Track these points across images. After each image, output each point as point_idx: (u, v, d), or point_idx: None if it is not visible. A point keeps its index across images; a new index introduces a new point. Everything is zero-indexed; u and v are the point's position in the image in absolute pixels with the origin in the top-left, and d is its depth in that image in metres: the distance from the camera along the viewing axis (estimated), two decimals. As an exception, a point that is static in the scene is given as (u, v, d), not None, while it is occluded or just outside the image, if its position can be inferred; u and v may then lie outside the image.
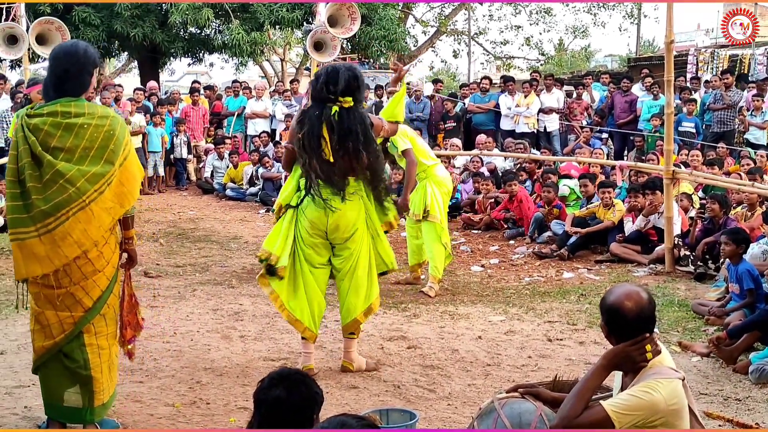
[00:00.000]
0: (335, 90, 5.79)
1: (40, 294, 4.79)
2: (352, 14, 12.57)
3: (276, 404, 3.23)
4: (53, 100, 4.72)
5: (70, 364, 4.83)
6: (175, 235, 12.22)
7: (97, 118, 4.75)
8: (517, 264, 10.43)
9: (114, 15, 21.94)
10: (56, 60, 4.75)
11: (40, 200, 4.62)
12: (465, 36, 35.80)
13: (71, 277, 4.76)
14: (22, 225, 4.67)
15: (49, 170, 4.62)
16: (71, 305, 4.79)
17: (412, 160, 8.31)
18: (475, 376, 6.14)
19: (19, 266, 4.73)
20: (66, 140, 4.66)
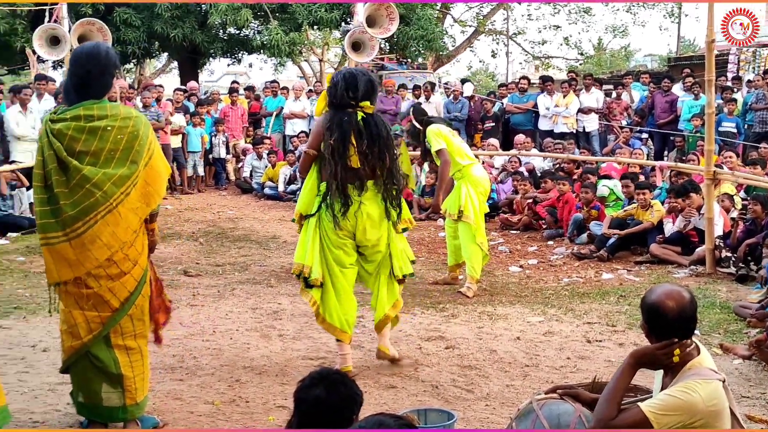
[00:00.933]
0: (355, 96, 5.90)
1: (69, 294, 4.84)
2: (390, 14, 12.57)
3: (316, 404, 3.24)
4: (76, 104, 4.73)
5: (99, 364, 4.87)
6: (215, 235, 12.30)
7: (120, 119, 4.76)
8: (556, 265, 10.38)
9: (154, 16, 22.16)
10: (78, 63, 4.76)
11: (67, 205, 4.64)
12: (503, 36, 35.72)
13: (98, 279, 4.79)
14: (51, 230, 4.71)
15: (75, 175, 4.65)
16: (98, 306, 4.82)
17: (446, 160, 8.43)
18: (514, 377, 6.13)
19: (51, 270, 4.77)
20: (91, 144, 4.67)
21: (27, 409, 5.39)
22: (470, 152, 9.06)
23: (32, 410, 5.38)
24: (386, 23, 12.64)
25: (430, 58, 29.41)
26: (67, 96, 4.83)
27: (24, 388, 5.79)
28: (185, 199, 15.95)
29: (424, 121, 8.82)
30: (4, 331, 7.15)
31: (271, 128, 18.65)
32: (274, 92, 19.34)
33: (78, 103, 4.73)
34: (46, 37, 13.40)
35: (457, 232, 8.95)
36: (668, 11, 33.71)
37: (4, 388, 4.69)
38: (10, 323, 7.47)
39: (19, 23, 21.07)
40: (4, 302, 8.19)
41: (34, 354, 6.60)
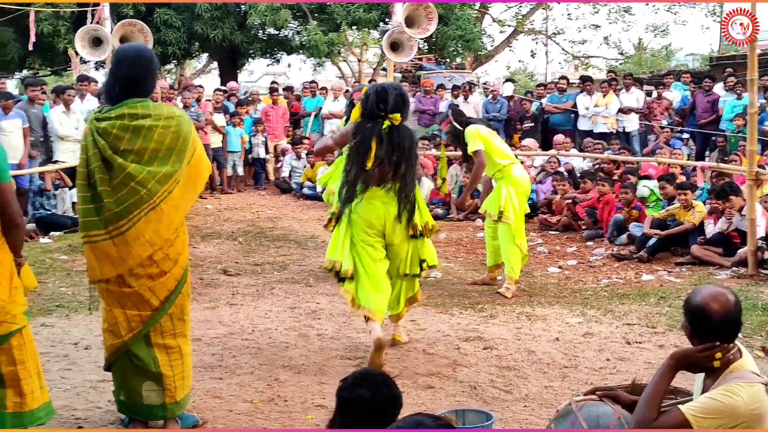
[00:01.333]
0: (385, 108, 6.28)
1: (110, 293, 4.89)
2: (428, 14, 12.54)
3: (359, 404, 3.24)
4: (120, 103, 4.78)
5: (138, 363, 4.92)
6: (254, 234, 12.37)
7: (164, 119, 4.80)
8: (595, 265, 10.32)
9: (194, 17, 22.34)
10: (124, 63, 4.80)
11: (111, 203, 4.69)
12: (542, 35, 35.54)
13: (138, 278, 4.84)
14: (94, 228, 4.75)
15: (120, 173, 4.69)
16: (139, 305, 4.86)
17: (480, 161, 8.51)
18: (552, 378, 6.10)
19: (93, 268, 4.81)
20: (135, 143, 4.71)
21: (69, 405, 5.46)
22: (510, 152, 9.05)
23: (75, 407, 5.45)
24: (425, 23, 12.61)
25: (468, 58, 29.33)
26: (109, 95, 4.87)
27: (66, 385, 5.87)
28: (225, 199, 16.06)
29: (463, 122, 8.82)
30: (47, 329, 7.25)
31: (309, 128, 18.71)
32: (312, 92, 19.39)
33: (121, 103, 4.78)
34: (89, 38, 13.52)
35: (496, 232, 8.92)
36: (710, 10, 33.35)
37: (48, 385, 4.76)
38: (53, 321, 7.57)
39: (62, 25, 21.33)
40: (47, 300, 8.30)
41: (76, 351, 6.68)
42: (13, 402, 4.37)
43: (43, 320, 7.50)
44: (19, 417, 4.40)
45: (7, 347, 4.35)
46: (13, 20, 20.82)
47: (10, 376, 4.36)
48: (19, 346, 4.40)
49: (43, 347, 6.37)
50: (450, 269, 9.99)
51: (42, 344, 6.45)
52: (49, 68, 25.79)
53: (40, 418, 4.51)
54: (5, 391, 4.35)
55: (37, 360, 4.56)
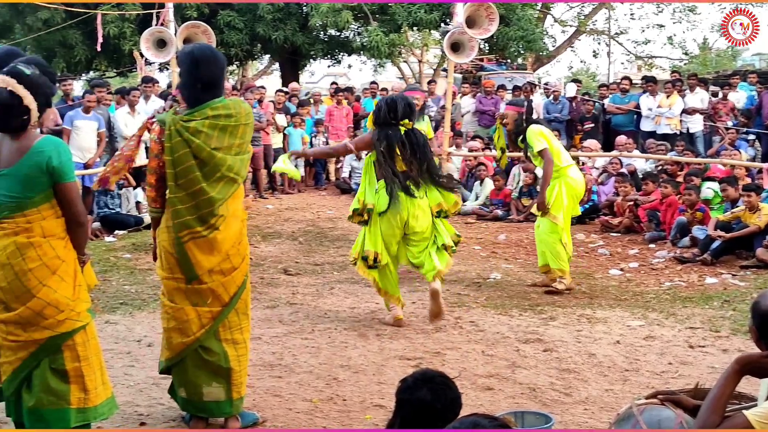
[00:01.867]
0: (395, 116, 7.32)
1: (181, 291, 4.97)
2: (489, 15, 12.50)
3: (420, 406, 3.24)
4: (202, 104, 4.87)
5: (209, 358, 4.99)
6: (314, 234, 12.43)
7: (244, 115, 4.97)
8: (658, 268, 10.19)
9: (257, 18, 22.55)
10: (200, 66, 4.86)
11: (212, 197, 4.84)
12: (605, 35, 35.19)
13: (212, 274, 4.94)
14: (194, 225, 4.86)
15: (221, 167, 4.85)
16: (210, 301, 4.96)
17: (549, 159, 8.55)
18: (613, 381, 6.05)
19: (199, 261, 4.89)
20: (223, 140, 4.86)
21: (132, 402, 5.55)
22: (567, 155, 9.02)
23: (137, 403, 5.54)
24: (486, 24, 12.57)
25: (529, 58, 29.16)
26: (189, 97, 4.93)
27: (130, 381, 5.97)
28: (285, 199, 16.17)
29: (529, 120, 8.81)
30: (111, 326, 7.37)
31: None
32: (373, 93, 19.43)
33: (203, 104, 4.87)
34: (153, 40, 13.71)
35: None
36: (777, 9, 32.73)
37: (111, 381, 4.84)
38: (117, 318, 7.70)
39: (128, 27, 21.68)
40: (111, 298, 8.44)
41: (139, 348, 6.79)
42: (77, 398, 4.45)
43: (108, 317, 7.63)
44: (83, 412, 4.49)
45: (72, 344, 4.45)
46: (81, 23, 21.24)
47: (75, 372, 4.45)
48: (83, 343, 4.49)
49: (107, 344, 6.48)
50: (510, 270, 9.95)
51: (106, 341, 6.56)
52: (115, 70, 26.24)
53: (103, 413, 4.60)
54: (69, 386, 4.44)
55: (100, 356, 4.64)
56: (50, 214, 4.38)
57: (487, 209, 14.18)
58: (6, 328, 4.38)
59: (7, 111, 4.24)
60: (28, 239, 4.32)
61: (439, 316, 7.35)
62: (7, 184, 4.30)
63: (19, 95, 4.24)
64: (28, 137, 4.33)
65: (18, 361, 4.41)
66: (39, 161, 4.27)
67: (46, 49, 23.26)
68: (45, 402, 4.40)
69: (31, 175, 4.27)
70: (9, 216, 4.33)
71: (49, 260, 4.37)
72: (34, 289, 4.33)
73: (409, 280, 9.32)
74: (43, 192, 4.32)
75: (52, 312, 4.37)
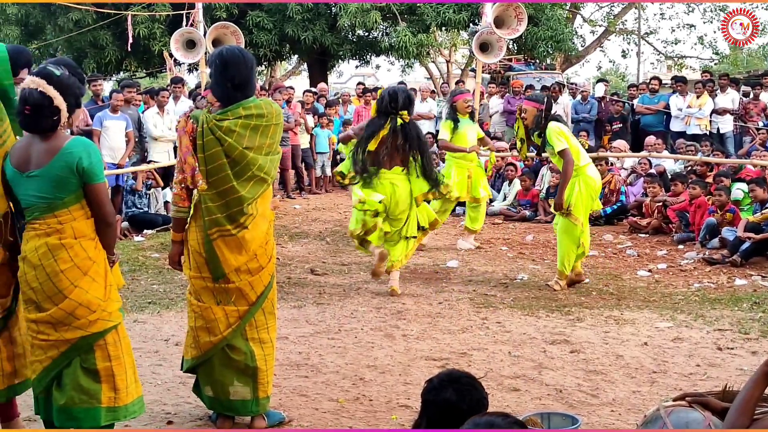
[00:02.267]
0: (396, 106, 8.18)
1: (208, 290, 4.99)
2: (518, 15, 12.46)
3: (446, 407, 3.23)
4: (234, 104, 4.89)
5: (236, 357, 5.01)
6: (341, 234, 12.44)
7: (275, 116, 5.00)
8: (686, 269, 10.11)
9: (286, 19, 22.63)
10: (229, 67, 4.88)
11: (242, 196, 4.86)
12: (635, 35, 34.98)
13: (239, 273, 4.96)
14: (224, 223, 4.89)
15: (252, 166, 4.87)
16: (237, 300, 4.99)
17: (569, 159, 8.58)
18: (641, 383, 6.01)
19: (227, 259, 4.92)
20: (254, 140, 4.87)
21: (160, 400, 5.59)
22: (585, 153, 8.97)
23: (165, 402, 5.57)
24: (514, 24, 12.53)
25: (558, 58, 29.05)
26: (222, 97, 4.95)
27: (157, 380, 6.01)
28: (313, 199, 16.21)
29: (549, 117, 8.74)
30: (140, 325, 7.42)
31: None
32: (400, 93, 19.40)
33: (236, 104, 4.90)
34: (183, 41, 13.81)
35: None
36: (810, 8, 32.39)
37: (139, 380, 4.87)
38: (145, 317, 7.75)
39: (158, 27, 21.83)
40: (140, 297, 8.49)
41: (167, 348, 6.83)
42: (108, 397, 4.47)
43: (136, 316, 7.68)
44: (114, 411, 4.51)
45: (103, 344, 4.47)
46: (111, 23, 21.44)
47: (106, 372, 4.47)
48: (114, 343, 4.52)
49: (135, 343, 6.50)
50: (537, 271, 9.92)
51: (134, 340, 6.58)
52: (145, 70, 26.43)
53: (133, 412, 4.62)
54: (101, 386, 4.46)
55: (131, 355, 4.67)
56: (80, 215, 4.41)
57: (515, 210, 14.14)
58: (37, 327, 4.41)
59: (38, 111, 4.26)
60: (60, 240, 4.35)
61: (376, 275, 8.70)
62: (38, 185, 4.32)
63: (50, 96, 4.27)
64: (58, 138, 4.36)
65: (48, 359, 4.43)
66: (69, 162, 4.29)
67: (77, 50, 23.49)
68: (76, 401, 4.42)
69: (61, 176, 4.30)
70: (40, 217, 4.36)
71: (80, 261, 4.39)
72: (65, 290, 4.35)
73: (435, 281, 9.33)
74: (74, 193, 4.35)
75: (84, 312, 4.39)
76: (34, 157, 4.34)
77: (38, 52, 24.69)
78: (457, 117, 10.97)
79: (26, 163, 4.36)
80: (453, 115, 11.02)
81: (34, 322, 4.42)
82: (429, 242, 11.55)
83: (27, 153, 4.37)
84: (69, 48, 23.54)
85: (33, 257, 4.36)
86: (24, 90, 4.31)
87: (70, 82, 4.43)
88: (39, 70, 4.42)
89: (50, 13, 23.07)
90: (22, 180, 4.36)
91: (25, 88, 4.31)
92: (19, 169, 4.37)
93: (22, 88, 4.33)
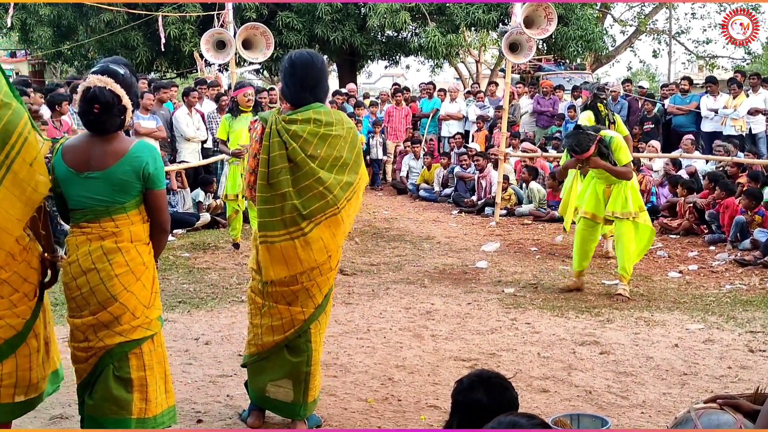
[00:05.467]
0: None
1: (276, 290, 4.92)
2: (548, 15, 12.43)
3: (476, 407, 3.22)
4: (304, 107, 4.83)
5: (293, 359, 4.97)
6: (370, 234, 12.46)
7: (346, 129, 4.87)
8: (718, 271, 10.04)
9: (315, 19, 22.68)
10: (299, 69, 4.85)
11: (296, 205, 4.73)
12: (665, 35, 34.75)
13: (310, 274, 4.90)
14: (273, 228, 4.79)
15: (310, 176, 4.74)
16: (304, 301, 4.93)
17: (630, 172, 8.50)
18: (671, 385, 5.97)
19: (267, 268, 4.83)
20: (320, 149, 4.76)
21: (190, 399, 5.62)
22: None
23: (195, 401, 5.60)
24: (544, 24, 12.50)
25: (588, 58, 28.93)
26: (294, 100, 4.89)
27: (187, 379, 6.04)
28: (342, 199, 16.21)
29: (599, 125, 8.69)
30: (170, 324, 7.45)
31: (427, 130, 18.76)
32: (429, 94, 19.44)
33: (306, 106, 4.84)
34: (213, 41, 13.88)
35: (593, 235, 8.85)
36: None
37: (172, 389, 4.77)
38: (176, 316, 7.80)
39: (188, 28, 21.96)
40: (170, 296, 8.54)
41: (197, 347, 6.86)
42: (139, 408, 4.37)
43: (166, 316, 7.71)
44: (143, 422, 4.40)
45: (139, 352, 4.37)
46: (142, 24, 21.61)
47: (139, 382, 4.36)
48: (150, 352, 4.42)
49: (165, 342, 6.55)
50: (566, 272, 9.87)
51: (164, 339, 6.63)
52: (175, 71, 26.59)
53: (162, 423, 4.51)
54: (132, 395, 4.35)
55: (164, 364, 4.55)
56: (138, 220, 4.33)
57: (544, 211, 14.09)
58: (81, 333, 4.31)
59: (107, 111, 4.16)
60: (116, 244, 4.25)
61: None
62: (97, 187, 4.21)
63: (118, 95, 4.19)
64: (121, 140, 4.27)
65: (90, 366, 4.34)
66: (136, 167, 4.21)
67: (108, 50, 23.68)
68: (106, 411, 4.33)
69: (126, 180, 4.21)
70: (94, 219, 4.25)
71: (135, 266, 4.31)
72: (118, 295, 4.25)
73: (464, 281, 9.32)
74: (135, 198, 4.27)
75: (128, 318, 4.30)
76: (94, 158, 4.22)
77: (70, 53, 24.98)
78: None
79: (84, 164, 4.22)
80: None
81: (78, 328, 4.32)
82: (458, 243, 11.55)
83: (86, 153, 4.24)
84: (100, 48, 23.74)
85: (85, 261, 4.24)
86: (91, 88, 4.17)
87: (131, 82, 4.34)
88: (102, 68, 4.28)
89: (82, 14, 23.29)
90: (78, 180, 4.22)
91: (91, 87, 4.17)
92: (75, 168, 4.22)
93: (86, 87, 4.18)
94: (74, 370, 4.46)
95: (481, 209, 14.86)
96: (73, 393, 4.57)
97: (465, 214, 14.85)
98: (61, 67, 31.13)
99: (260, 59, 14.26)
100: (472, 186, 15.65)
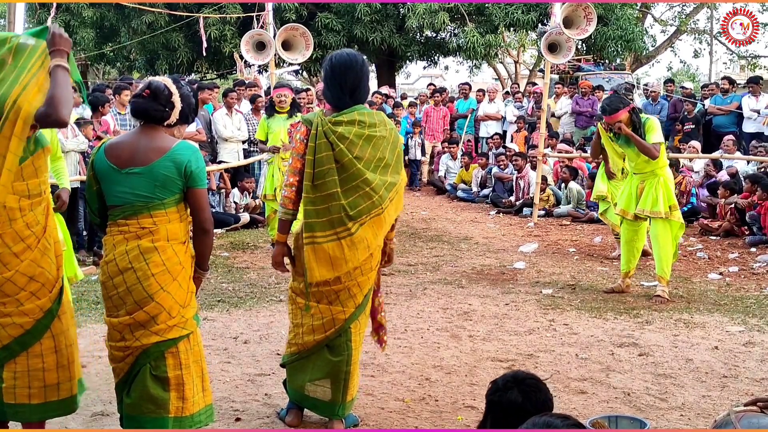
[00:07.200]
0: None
1: (318, 290, 4.94)
2: (587, 15, 12.37)
3: (511, 408, 3.22)
4: (349, 108, 4.86)
5: (333, 358, 4.99)
6: (408, 235, 12.48)
7: (388, 130, 4.92)
8: (759, 273, 9.93)
9: (354, 20, 22.74)
10: (339, 71, 4.88)
11: (343, 205, 4.77)
12: (707, 35, 34.42)
13: (352, 273, 4.93)
14: (319, 229, 4.82)
15: (357, 177, 4.78)
16: (345, 300, 4.96)
17: (657, 152, 8.35)
18: (711, 388, 5.93)
19: (312, 269, 4.85)
20: (365, 150, 4.81)
21: (228, 397, 5.66)
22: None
23: (233, 399, 5.64)
24: (584, 24, 12.45)
25: (628, 58, 28.72)
26: (337, 102, 4.92)
27: (226, 377, 6.08)
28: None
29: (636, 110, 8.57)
30: (209, 323, 7.52)
31: (465, 130, 18.75)
32: (465, 94, 19.44)
33: (351, 108, 4.88)
34: (253, 43, 13.97)
35: (637, 234, 8.76)
36: None
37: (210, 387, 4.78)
38: (215, 315, 7.86)
39: (228, 29, 22.12)
40: (209, 295, 8.61)
41: (235, 345, 6.91)
42: (176, 407, 4.39)
43: (205, 314, 7.78)
44: (180, 421, 4.42)
45: (175, 351, 4.39)
46: (183, 26, 21.79)
47: (176, 381, 4.39)
48: (186, 351, 4.44)
49: (204, 341, 6.57)
50: (605, 273, 9.83)
51: (203, 338, 6.63)
52: (216, 72, 26.79)
53: (200, 421, 4.53)
54: (169, 394, 4.37)
55: (200, 363, 4.57)
56: (176, 218, 4.36)
57: (583, 212, 14.02)
58: (117, 333, 4.35)
59: (155, 97, 4.30)
60: (153, 243, 4.29)
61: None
62: (138, 182, 4.27)
63: (171, 90, 4.35)
64: (165, 139, 4.35)
65: (127, 365, 4.38)
66: (178, 163, 4.27)
67: (150, 52, 23.94)
68: (144, 410, 4.36)
69: (167, 176, 4.26)
70: (132, 216, 4.29)
71: (172, 266, 4.34)
72: (155, 295, 4.28)
73: (502, 282, 9.30)
74: (175, 195, 4.32)
75: (165, 318, 4.33)
76: (137, 154, 4.29)
77: (112, 54, 25.23)
78: None
79: (127, 160, 4.29)
80: None
81: (114, 327, 4.35)
82: (496, 243, 11.52)
83: (129, 149, 4.31)
84: (142, 50, 24.01)
85: (122, 261, 4.28)
86: (150, 79, 4.42)
87: (188, 94, 4.49)
88: (169, 76, 4.58)
89: (124, 16, 23.53)
90: (119, 176, 4.29)
91: (151, 79, 4.43)
92: (116, 164, 4.29)
93: (147, 80, 4.43)
94: (112, 369, 4.51)
95: (519, 210, 14.83)
96: (114, 390, 4.62)
97: (503, 214, 14.82)
98: (104, 69, 31.47)
99: (299, 60, 14.32)
100: (510, 186, 15.62)
